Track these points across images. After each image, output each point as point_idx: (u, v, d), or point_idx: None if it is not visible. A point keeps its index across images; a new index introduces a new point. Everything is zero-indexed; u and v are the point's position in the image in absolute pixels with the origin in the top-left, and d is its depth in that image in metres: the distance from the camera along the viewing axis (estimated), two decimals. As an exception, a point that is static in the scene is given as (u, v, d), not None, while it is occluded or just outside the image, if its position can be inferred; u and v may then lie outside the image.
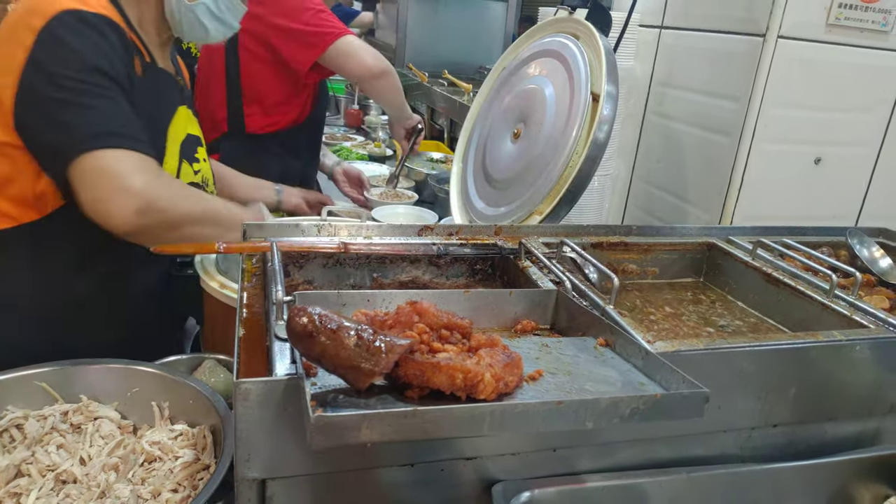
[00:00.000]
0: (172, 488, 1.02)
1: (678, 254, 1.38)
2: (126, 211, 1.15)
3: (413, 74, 3.42)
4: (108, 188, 1.15)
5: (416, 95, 3.57)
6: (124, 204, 1.15)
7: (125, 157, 1.17)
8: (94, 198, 1.16)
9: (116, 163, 1.16)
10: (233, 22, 1.51)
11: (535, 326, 0.98)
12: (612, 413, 0.66)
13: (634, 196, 1.97)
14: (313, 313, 0.67)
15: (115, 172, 1.15)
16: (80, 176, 1.16)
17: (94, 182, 1.16)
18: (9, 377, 1.10)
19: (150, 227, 1.20)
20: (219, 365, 1.37)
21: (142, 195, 1.16)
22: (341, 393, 0.67)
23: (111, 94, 1.21)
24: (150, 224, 1.19)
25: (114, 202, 1.15)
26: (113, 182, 1.15)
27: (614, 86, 1.47)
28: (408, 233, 1.23)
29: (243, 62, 2.14)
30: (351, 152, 3.19)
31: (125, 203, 1.15)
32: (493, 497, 0.83)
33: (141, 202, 1.16)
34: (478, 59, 3.86)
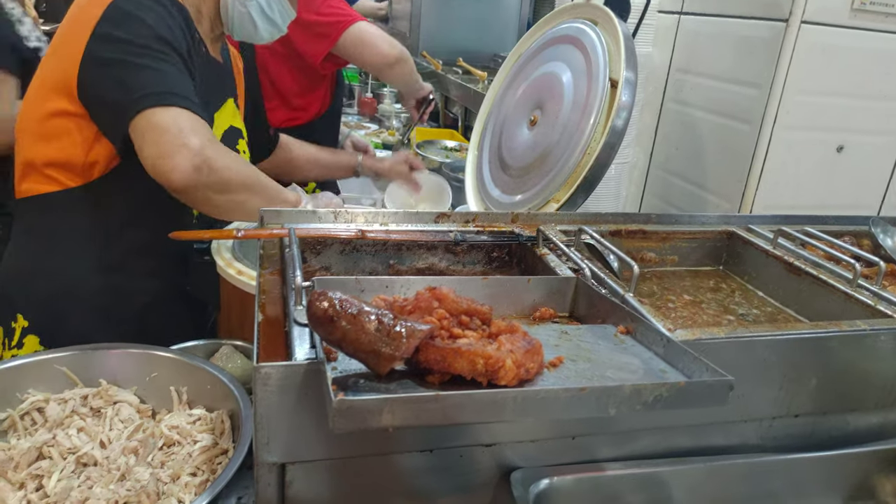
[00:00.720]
0: (191, 472, 1.03)
1: (697, 242, 1.37)
2: (185, 167, 1.18)
3: (427, 62, 3.40)
4: (169, 143, 1.19)
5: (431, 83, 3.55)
6: (183, 159, 1.18)
7: (184, 116, 1.21)
8: (156, 152, 1.20)
9: (176, 120, 1.20)
10: (282, 24, 1.56)
11: (553, 314, 0.97)
12: (635, 400, 0.65)
13: (652, 184, 1.95)
14: (334, 298, 0.67)
15: (175, 129, 1.19)
16: (142, 131, 1.21)
17: (155, 137, 1.20)
18: (30, 361, 1.11)
19: (205, 185, 1.23)
20: (236, 351, 1.38)
21: (201, 153, 1.19)
22: (362, 377, 0.67)
23: (173, 61, 1.26)
24: (206, 182, 1.22)
25: (174, 158, 1.18)
26: (174, 138, 1.19)
27: (633, 72, 1.45)
28: (424, 220, 1.22)
29: (260, 57, 2.13)
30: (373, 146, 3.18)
31: (184, 159, 1.18)
32: (511, 484, 0.83)
33: (199, 160, 1.19)
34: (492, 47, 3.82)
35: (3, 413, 1.08)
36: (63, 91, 1.29)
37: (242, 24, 1.49)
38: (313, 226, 1.11)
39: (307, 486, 0.79)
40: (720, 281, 1.34)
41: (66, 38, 1.32)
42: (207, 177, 1.21)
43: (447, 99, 3.47)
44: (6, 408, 1.08)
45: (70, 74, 1.27)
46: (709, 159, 1.73)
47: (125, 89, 1.23)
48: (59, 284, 1.40)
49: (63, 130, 1.32)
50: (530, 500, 0.82)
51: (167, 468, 1.03)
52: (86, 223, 1.39)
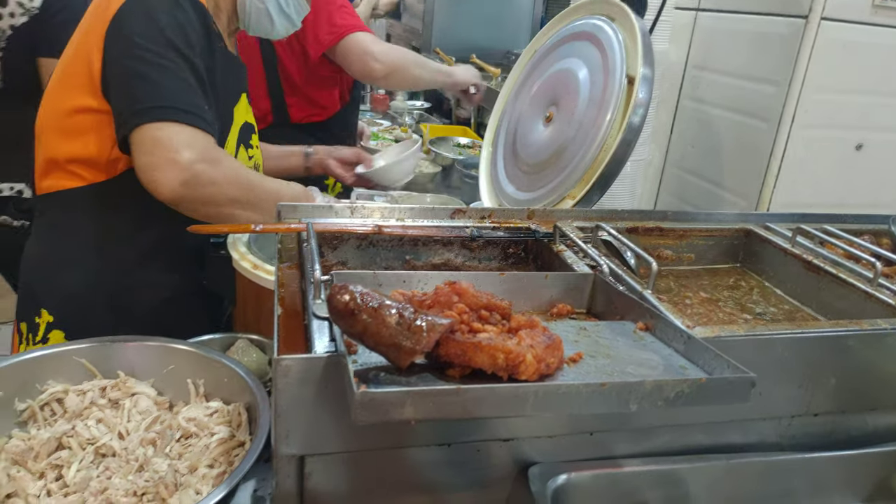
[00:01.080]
0: (209, 464, 1.04)
1: (714, 240, 1.36)
2: (172, 182, 1.21)
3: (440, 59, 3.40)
4: (159, 157, 1.21)
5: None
6: (171, 174, 1.21)
7: (180, 131, 1.22)
8: (146, 164, 1.23)
9: (170, 135, 1.21)
10: (296, 19, 1.57)
11: (570, 310, 0.97)
12: (656, 396, 0.65)
13: (667, 182, 1.94)
14: (355, 291, 0.67)
15: (168, 144, 1.21)
16: (138, 143, 1.23)
17: (148, 149, 1.22)
18: (49, 353, 1.12)
19: (193, 199, 1.26)
20: (251, 345, 1.39)
21: (189, 169, 1.21)
22: (382, 370, 0.67)
23: (180, 70, 1.27)
24: (193, 196, 1.25)
25: (162, 171, 1.21)
26: (165, 153, 1.21)
27: (650, 68, 1.45)
28: (440, 215, 1.22)
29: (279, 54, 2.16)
30: (378, 137, 3.19)
31: (172, 174, 1.21)
32: (529, 479, 0.83)
33: (187, 175, 1.21)
34: (505, 43, 3.82)
35: (24, 404, 1.09)
36: (88, 88, 1.30)
37: (259, 19, 1.50)
38: (331, 220, 1.11)
39: (326, 478, 0.79)
40: (738, 279, 1.33)
41: (86, 33, 1.32)
42: (194, 191, 1.24)
43: (460, 96, 3.46)
44: (26, 398, 1.09)
45: (94, 70, 1.28)
46: (725, 157, 1.72)
47: (129, 100, 1.25)
48: (81, 279, 1.41)
49: (87, 127, 1.32)
50: (548, 496, 0.82)
51: (185, 460, 1.04)
52: (108, 218, 1.40)
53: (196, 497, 0.99)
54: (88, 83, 1.29)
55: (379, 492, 0.84)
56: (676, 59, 1.85)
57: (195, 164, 1.22)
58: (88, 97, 1.30)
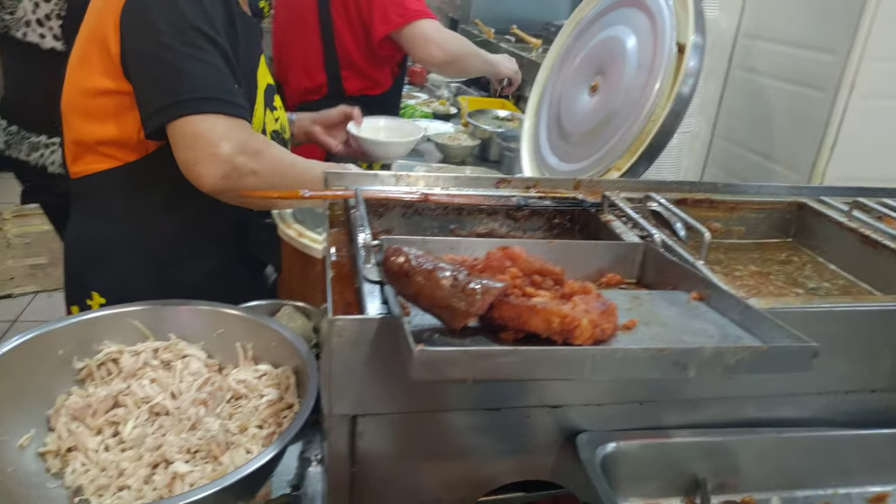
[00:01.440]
0: (258, 424, 1.06)
1: (766, 213, 1.33)
2: (214, 175, 1.21)
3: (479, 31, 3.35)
4: (200, 152, 1.21)
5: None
6: (213, 168, 1.21)
7: (217, 123, 1.21)
8: (187, 158, 1.22)
9: (208, 129, 1.20)
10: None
11: (620, 280, 0.96)
12: (716, 362, 0.64)
13: (714, 155, 1.89)
14: (409, 253, 0.67)
15: (207, 138, 1.20)
16: (177, 138, 1.22)
17: (188, 144, 1.22)
18: (105, 314, 1.15)
19: (234, 190, 1.26)
20: (297, 311, 1.41)
21: (228, 162, 1.21)
22: (436, 332, 0.67)
23: (208, 55, 1.24)
24: (235, 187, 1.25)
25: (203, 166, 1.21)
26: (205, 147, 1.20)
27: (702, 36, 1.41)
28: (485, 184, 1.21)
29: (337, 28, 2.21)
30: (415, 110, 3.17)
31: (214, 168, 1.21)
32: (577, 446, 0.83)
33: (228, 168, 1.22)
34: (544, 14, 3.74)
35: (82, 363, 1.12)
36: (107, 69, 1.27)
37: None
38: (379, 188, 1.12)
39: (377, 439, 0.80)
40: (790, 254, 1.30)
41: (101, 11, 1.28)
42: (235, 183, 1.24)
43: (499, 68, 3.42)
44: (84, 358, 1.13)
45: (113, 52, 1.25)
46: (777, 129, 1.67)
47: (159, 91, 1.22)
48: (126, 258, 1.42)
49: (114, 109, 1.30)
50: (597, 463, 0.82)
51: (235, 420, 1.07)
52: (146, 196, 1.40)
53: (247, 456, 1.01)
54: (108, 65, 1.27)
55: (427, 454, 0.85)
56: (727, 27, 1.79)
57: (235, 157, 1.21)
58: (107, 79, 1.28)
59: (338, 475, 0.81)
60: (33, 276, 3.98)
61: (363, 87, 2.30)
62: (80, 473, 1.00)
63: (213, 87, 1.23)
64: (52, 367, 1.09)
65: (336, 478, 0.81)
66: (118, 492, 0.97)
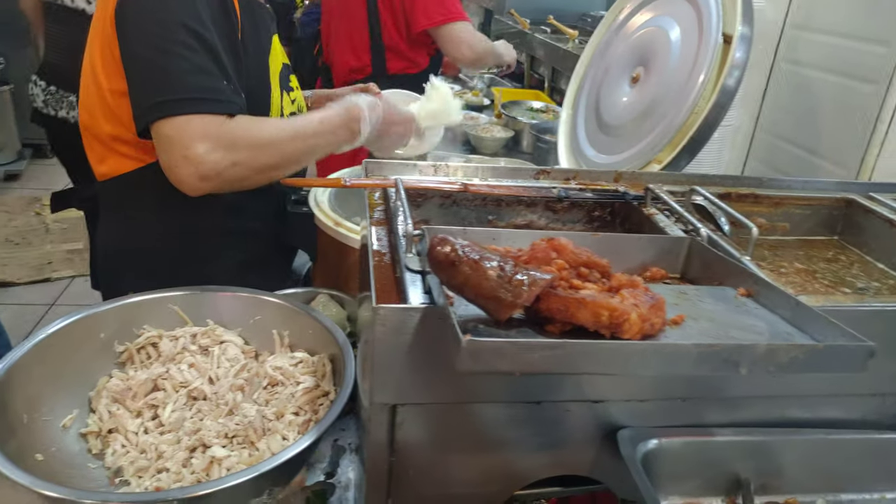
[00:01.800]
0: (294, 411, 1.07)
1: (812, 209, 1.29)
2: (190, 178, 1.18)
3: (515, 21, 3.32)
4: (174, 156, 1.17)
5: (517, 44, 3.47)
6: (188, 171, 1.17)
7: (189, 124, 1.17)
8: (165, 163, 1.20)
9: (180, 130, 1.17)
10: None
11: (664, 274, 0.94)
12: (768, 360, 0.62)
13: (756, 149, 1.85)
14: (456, 243, 0.66)
15: (180, 141, 1.16)
16: (156, 141, 1.20)
17: (164, 148, 1.19)
18: (146, 298, 1.16)
19: (219, 187, 1.22)
20: (331, 300, 1.41)
21: (203, 162, 1.17)
22: (481, 322, 0.67)
23: (192, 54, 1.19)
24: (218, 185, 1.21)
25: (179, 169, 1.18)
26: (178, 151, 1.17)
27: (749, 27, 1.37)
28: (524, 176, 1.20)
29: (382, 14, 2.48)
30: (448, 101, 3.15)
31: (188, 171, 1.17)
32: (619, 442, 0.82)
33: (202, 169, 1.17)
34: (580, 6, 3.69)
35: (122, 346, 1.14)
36: (115, 73, 1.26)
37: None
38: (419, 177, 1.11)
39: (416, 429, 0.80)
40: (837, 252, 1.26)
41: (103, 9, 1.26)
42: (217, 182, 1.20)
43: (532, 59, 3.39)
44: (124, 341, 1.14)
45: (116, 56, 1.24)
46: (823, 123, 1.62)
47: (139, 92, 1.20)
48: (158, 258, 1.41)
49: (123, 110, 1.28)
50: (638, 460, 0.80)
51: (271, 406, 1.07)
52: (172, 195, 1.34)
53: (283, 442, 1.02)
54: (111, 63, 1.26)
55: (465, 445, 0.84)
56: (773, 17, 1.74)
57: (209, 155, 1.17)
58: (113, 79, 1.27)
59: (376, 464, 0.81)
60: (70, 261, 4.07)
61: (403, 67, 2.55)
62: (121, 455, 1.01)
63: (194, 86, 1.18)
64: (94, 349, 1.11)
65: (374, 466, 0.81)
66: (157, 474, 0.99)
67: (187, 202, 1.38)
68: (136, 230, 1.43)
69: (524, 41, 3.33)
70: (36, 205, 4.74)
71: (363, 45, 2.53)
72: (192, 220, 1.41)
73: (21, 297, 3.70)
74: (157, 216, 1.41)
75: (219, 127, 1.20)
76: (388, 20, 2.49)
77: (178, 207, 1.38)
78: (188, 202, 1.38)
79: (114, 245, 1.47)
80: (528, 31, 3.24)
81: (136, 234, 1.43)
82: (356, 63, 2.58)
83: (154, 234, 1.42)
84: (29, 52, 5.03)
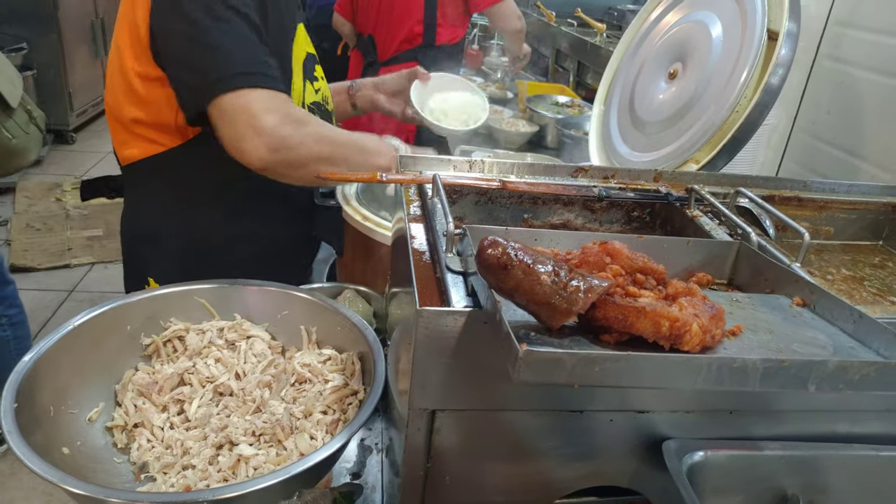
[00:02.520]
0: (322, 410, 1.04)
1: (857, 214, 1.25)
2: (260, 150, 1.17)
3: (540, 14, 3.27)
4: (242, 127, 1.17)
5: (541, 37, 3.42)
6: (258, 143, 1.16)
7: (257, 97, 1.17)
8: (231, 136, 1.18)
9: (248, 103, 1.16)
10: None
11: (710, 280, 0.90)
12: (838, 378, 0.59)
13: (793, 149, 1.80)
14: (507, 245, 0.63)
15: (249, 112, 1.16)
16: (218, 116, 1.18)
17: (230, 121, 1.17)
18: (174, 291, 1.14)
19: (281, 164, 1.21)
20: (358, 296, 1.39)
21: (273, 134, 1.17)
22: (532, 330, 0.63)
23: (238, 28, 1.19)
24: (281, 161, 1.20)
25: (248, 141, 1.17)
26: (247, 122, 1.16)
27: (796, 23, 1.32)
28: (562, 173, 1.16)
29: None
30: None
31: (258, 142, 1.16)
32: (664, 453, 0.78)
33: (272, 141, 1.17)
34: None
35: (149, 339, 1.12)
36: (140, 55, 1.25)
37: None
38: (451, 174, 1.08)
39: (454, 435, 0.77)
40: (884, 258, 1.22)
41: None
42: (284, 156, 1.19)
43: (558, 52, 3.33)
44: (151, 334, 1.13)
45: (142, 34, 1.22)
46: (867, 124, 1.57)
47: (196, 74, 1.18)
48: (178, 243, 1.40)
49: (150, 93, 1.28)
50: (683, 472, 0.77)
51: (299, 404, 1.05)
52: (197, 179, 1.38)
53: (311, 442, 1.00)
54: (137, 49, 1.24)
55: (504, 453, 0.81)
56: (816, 13, 1.69)
57: (279, 128, 1.17)
58: (137, 62, 1.26)
59: (412, 469, 0.78)
60: (90, 248, 4.08)
61: (449, 38, 2.80)
62: (146, 450, 1.00)
63: (248, 60, 1.19)
64: (121, 341, 1.10)
65: (410, 472, 0.79)
66: (182, 471, 0.97)
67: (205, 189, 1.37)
68: (154, 216, 1.42)
69: (549, 34, 3.27)
70: (57, 190, 4.76)
71: (418, 16, 2.72)
72: (210, 206, 1.40)
73: (41, 282, 3.72)
74: (174, 203, 1.39)
75: (284, 103, 1.21)
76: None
77: (196, 195, 1.38)
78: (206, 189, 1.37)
79: (134, 231, 1.46)
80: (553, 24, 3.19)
81: (155, 220, 1.42)
82: (408, 33, 2.75)
83: (171, 220, 1.41)
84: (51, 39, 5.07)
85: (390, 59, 2.79)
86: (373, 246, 1.36)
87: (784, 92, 1.79)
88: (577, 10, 3.08)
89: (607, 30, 2.87)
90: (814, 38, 1.71)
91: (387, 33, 2.79)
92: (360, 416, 0.93)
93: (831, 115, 1.68)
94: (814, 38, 1.71)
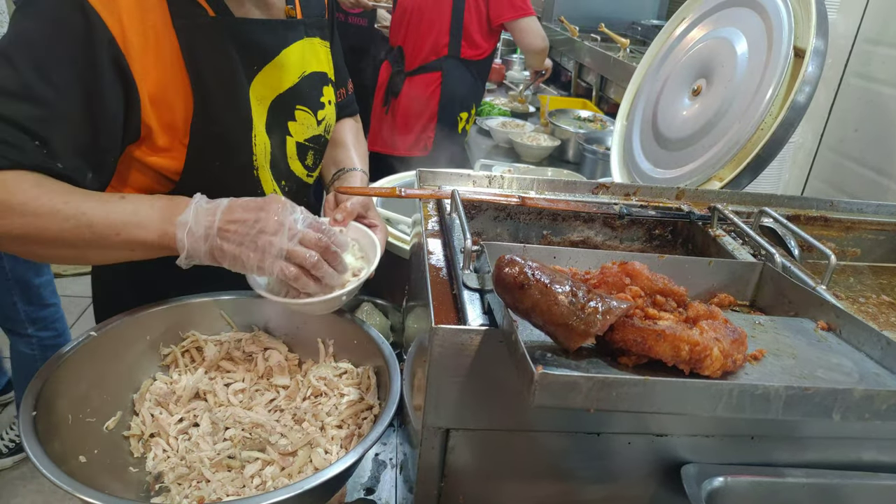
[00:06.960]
0: (337, 424, 1.04)
1: (885, 235, 1.22)
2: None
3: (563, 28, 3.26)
4: None
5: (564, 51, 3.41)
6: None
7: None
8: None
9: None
10: None
11: (732, 301, 0.88)
12: (864, 407, 0.57)
13: (819, 167, 1.77)
14: (525, 265, 0.63)
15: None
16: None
17: None
18: (194, 302, 1.15)
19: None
20: (375, 308, 1.39)
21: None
22: (548, 351, 0.63)
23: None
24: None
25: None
26: None
27: (824, 40, 1.30)
28: (582, 190, 1.16)
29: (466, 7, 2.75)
30: (493, 108, 3.12)
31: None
32: (683, 478, 0.77)
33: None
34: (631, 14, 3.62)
35: (167, 349, 1.13)
36: None
37: None
38: (470, 189, 1.07)
39: (469, 454, 0.76)
40: (913, 280, 1.19)
41: None
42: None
43: (581, 67, 3.33)
44: (170, 344, 1.13)
45: None
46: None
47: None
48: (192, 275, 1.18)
49: None
50: (703, 499, 0.75)
51: (314, 418, 1.05)
52: None
53: (325, 456, 0.99)
54: None
55: (518, 474, 0.80)
56: (845, 31, 1.66)
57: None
58: None
59: (426, 487, 0.77)
60: (114, 254, 4.13)
61: (475, 53, 2.84)
62: (161, 460, 1.00)
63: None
64: (140, 351, 1.10)
65: (424, 491, 0.78)
66: (197, 483, 0.97)
67: None
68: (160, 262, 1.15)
69: (573, 48, 3.27)
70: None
71: (445, 28, 2.79)
72: None
73: (67, 288, 3.77)
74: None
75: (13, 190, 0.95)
76: (471, 12, 2.77)
77: None
78: None
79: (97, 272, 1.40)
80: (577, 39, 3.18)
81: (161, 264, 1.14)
82: (434, 44, 2.83)
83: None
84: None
85: (416, 69, 2.87)
86: (390, 259, 1.36)
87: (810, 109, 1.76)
88: (601, 25, 3.08)
89: (631, 45, 2.86)
90: (842, 55, 1.68)
91: (414, 44, 2.88)
92: (375, 432, 0.92)
93: (859, 133, 1.65)
94: (842, 56, 1.68)
